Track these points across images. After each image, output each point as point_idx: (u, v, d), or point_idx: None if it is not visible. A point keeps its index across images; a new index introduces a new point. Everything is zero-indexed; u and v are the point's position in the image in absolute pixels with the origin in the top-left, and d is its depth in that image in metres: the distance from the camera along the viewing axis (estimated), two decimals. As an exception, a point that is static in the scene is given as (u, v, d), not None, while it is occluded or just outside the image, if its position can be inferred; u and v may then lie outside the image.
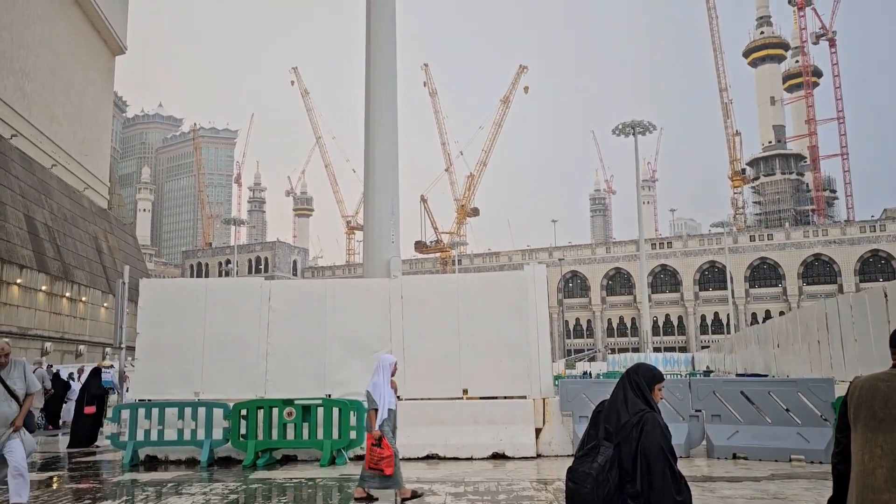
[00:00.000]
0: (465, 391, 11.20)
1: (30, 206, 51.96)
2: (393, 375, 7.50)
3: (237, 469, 10.15)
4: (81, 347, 56.02)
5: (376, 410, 7.16)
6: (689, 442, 10.36)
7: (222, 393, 11.22)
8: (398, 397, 7.77)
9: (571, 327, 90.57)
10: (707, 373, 38.65)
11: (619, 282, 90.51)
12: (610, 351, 78.76)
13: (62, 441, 15.22)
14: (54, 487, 9.28)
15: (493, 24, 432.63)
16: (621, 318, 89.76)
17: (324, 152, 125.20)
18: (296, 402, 10.55)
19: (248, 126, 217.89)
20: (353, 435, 10.42)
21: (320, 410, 10.47)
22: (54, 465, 11.69)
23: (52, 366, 23.40)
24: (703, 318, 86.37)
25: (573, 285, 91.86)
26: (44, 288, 50.37)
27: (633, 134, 41.00)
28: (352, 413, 10.47)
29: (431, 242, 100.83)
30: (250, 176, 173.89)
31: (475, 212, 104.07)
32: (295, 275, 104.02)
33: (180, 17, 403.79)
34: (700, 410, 10.46)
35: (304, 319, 11.71)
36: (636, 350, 73.03)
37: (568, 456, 10.28)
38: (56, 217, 57.01)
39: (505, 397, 11.22)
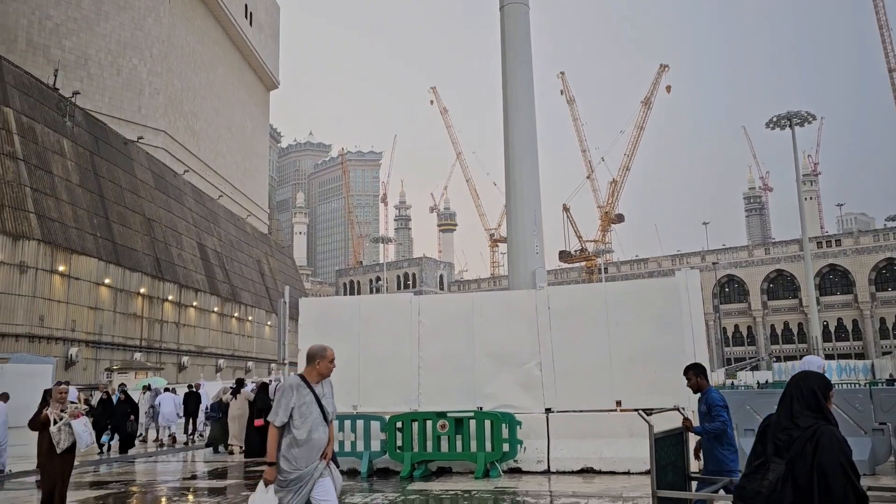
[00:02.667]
0: (619, 403, 10.88)
1: (201, 235, 56.87)
2: None
3: (395, 480, 10.47)
4: (250, 364, 60.32)
5: None
6: (875, 458, 9.44)
7: (379, 406, 11.62)
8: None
9: (730, 335, 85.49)
10: (891, 381, 34.98)
11: (781, 285, 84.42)
12: (775, 359, 73.53)
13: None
14: (230, 496, 10.04)
15: (629, 24, 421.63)
16: (786, 324, 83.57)
17: (464, 167, 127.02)
18: (448, 414, 10.72)
19: (391, 147, 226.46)
20: (505, 447, 10.43)
21: (472, 423, 10.59)
22: (233, 473, 12.67)
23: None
24: (883, 321, 78.47)
25: (730, 290, 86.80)
26: (216, 309, 54.84)
27: (791, 126, 38.15)
28: (503, 426, 10.49)
29: (576, 251, 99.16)
30: (395, 195, 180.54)
31: (620, 218, 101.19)
32: (441, 289, 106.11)
33: (324, 48, 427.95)
34: (885, 423, 9.51)
35: (453, 333, 11.89)
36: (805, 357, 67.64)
37: (733, 472, 9.68)
38: (224, 243, 61.96)
39: (661, 409, 10.77)
